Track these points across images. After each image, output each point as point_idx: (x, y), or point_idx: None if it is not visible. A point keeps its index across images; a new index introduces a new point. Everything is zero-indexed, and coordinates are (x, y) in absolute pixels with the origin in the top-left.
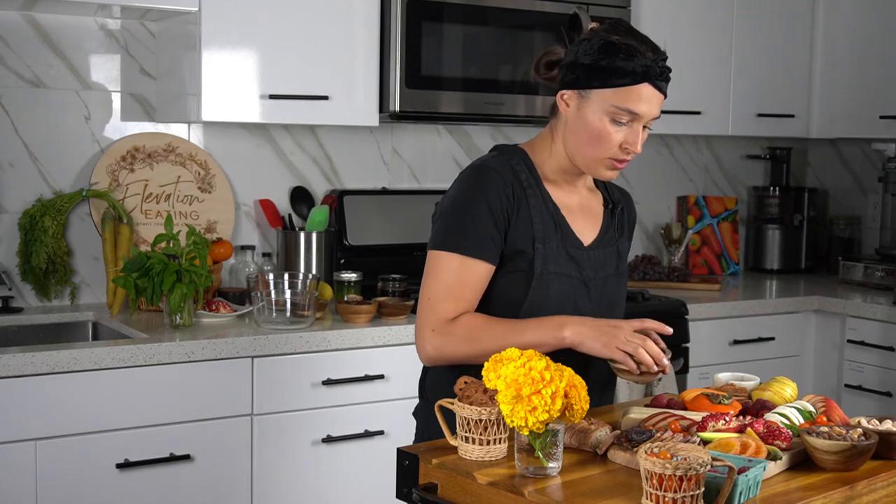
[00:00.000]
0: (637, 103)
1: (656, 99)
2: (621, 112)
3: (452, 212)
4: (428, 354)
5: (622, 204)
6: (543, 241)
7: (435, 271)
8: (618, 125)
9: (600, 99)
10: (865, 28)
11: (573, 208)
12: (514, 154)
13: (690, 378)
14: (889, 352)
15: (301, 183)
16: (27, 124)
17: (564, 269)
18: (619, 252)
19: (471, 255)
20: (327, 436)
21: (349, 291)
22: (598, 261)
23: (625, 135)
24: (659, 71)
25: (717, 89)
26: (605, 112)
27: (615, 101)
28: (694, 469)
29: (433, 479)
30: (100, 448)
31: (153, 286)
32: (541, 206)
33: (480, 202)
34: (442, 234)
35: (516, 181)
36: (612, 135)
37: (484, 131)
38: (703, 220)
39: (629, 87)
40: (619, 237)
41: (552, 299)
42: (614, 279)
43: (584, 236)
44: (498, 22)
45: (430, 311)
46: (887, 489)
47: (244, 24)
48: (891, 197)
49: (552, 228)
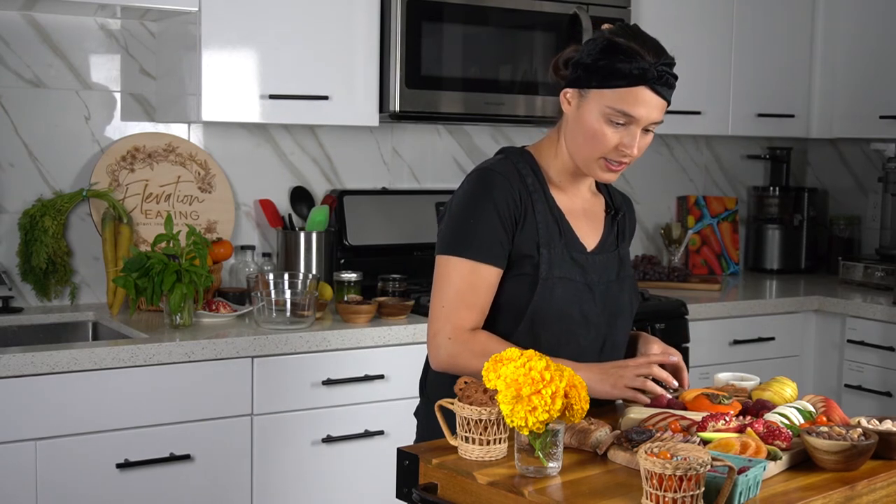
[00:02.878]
0: (633, 106)
1: (655, 103)
2: (616, 113)
3: (461, 216)
4: (441, 361)
5: (624, 210)
6: (548, 245)
7: (446, 277)
8: (614, 126)
9: (597, 99)
10: (865, 28)
11: (576, 212)
12: (520, 157)
13: (690, 378)
14: (889, 352)
15: (301, 183)
16: (27, 124)
17: (569, 273)
18: (621, 257)
19: (481, 259)
20: (327, 436)
21: (349, 291)
22: (602, 265)
23: (621, 136)
24: (658, 75)
25: (717, 89)
26: (602, 112)
27: (610, 102)
28: (694, 469)
29: (433, 479)
30: (100, 448)
31: (153, 286)
32: (545, 211)
33: (489, 206)
34: (451, 238)
35: (523, 186)
36: (608, 136)
37: (484, 131)
38: (703, 220)
39: (625, 88)
40: (621, 242)
41: (557, 304)
42: (616, 284)
43: (587, 241)
44: (498, 22)
45: (445, 319)
46: (887, 489)
47: (244, 24)
48: (891, 197)
49: (556, 233)
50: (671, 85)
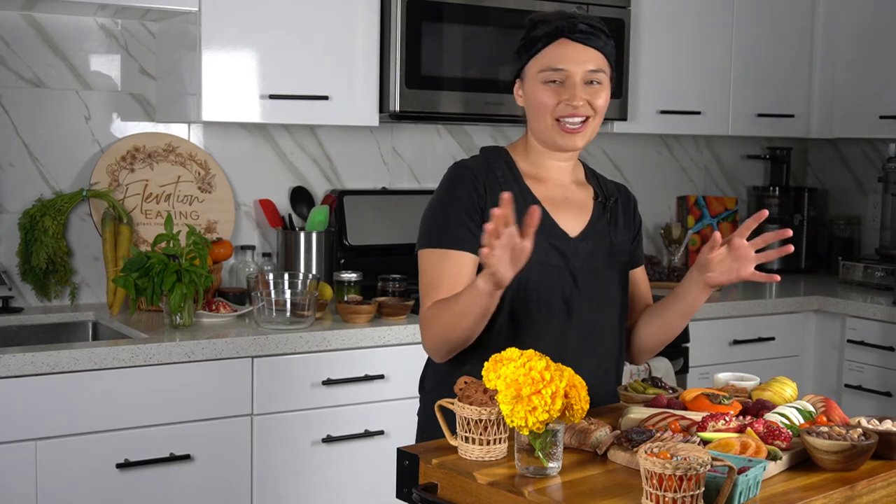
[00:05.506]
0: (558, 60)
1: (581, 52)
2: (547, 72)
3: (427, 212)
4: (426, 349)
5: (616, 196)
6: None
7: (420, 270)
8: (551, 87)
9: (531, 73)
10: (865, 28)
11: (557, 201)
12: (494, 154)
13: (690, 378)
14: (889, 352)
15: (301, 183)
16: (27, 124)
17: (547, 258)
18: (614, 243)
19: (446, 246)
20: (327, 436)
21: (349, 291)
22: (587, 252)
23: (560, 93)
24: (570, 25)
25: (717, 89)
26: (538, 80)
27: (539, 66)
28: (694, 469)
29: (433, 479)
30: (100, 448)
31: (153, 286)
32: (518, 200)
33: (450, 197)
34: (420, 235)
35: (490, 177)
36: (548, 95)
37: (484, 131)
38: (703, 220)
39: (546, 48)
40: (614, 229)
41: (536, 289)
42: (606, 270)
43: (569, 227)
44: (498, 22)
45: (422, 309)
46: (887, 489)
47: (244, 24)
48: (891, 197)
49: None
50: (592, 33)
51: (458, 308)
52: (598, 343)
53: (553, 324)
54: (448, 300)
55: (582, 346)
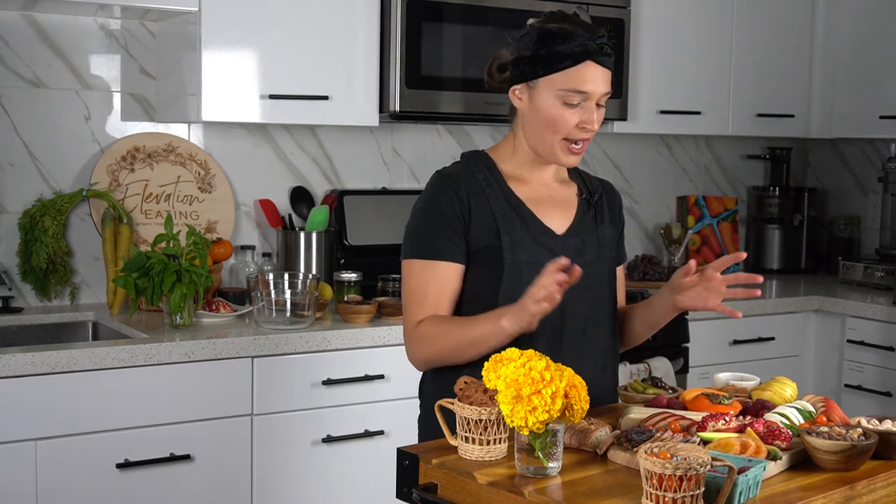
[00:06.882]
0: (583, 83)
1: (602, 75)
2: (570, 94)
3: (410, 223)
4: (413, 361)
5: (600, 192)
6: (509, 233)
7: (404, 280)
8: (570, 107)
9: (548, 85)
10: (865, 28)
11: (541, 200)
12: (475, 158)
13: (690, 378)
14: (889, 352)
15: (301, 183)
16: (27, 124)
17: (535, 257)
18: (601, 238)
19: (429, 257)
20: (327, 436)
21: (349, 291)
22: (575, 248)
23: (579, 115)
24: (598, 47)
25: (717, 89)
26: (556, 97)
27: (562, 85)
28: (694, 469)
29: (433, 479)
30: (100, 448)
31: (153, 286)
32: (501, 202)
33: (431, 208)
34: (404, 245)
35: (472, 181)
36: (567, 117)
37: (484, 131)
38: (703, 220)
39: (572, 68)
40: (600, 224)
41: (527, 288)
42: (595, 265)
43: (555, 225)
44: (498, 22)
45: (404, 319)
46: (887, 489)
47: (244, 24)
48: (891, 197)
49: (516, 220)
50: (610, 55)
51: (470, 338)
52: (592, 338)
53: (546, 322)
54: (453, 324)
55: (576, 343)
